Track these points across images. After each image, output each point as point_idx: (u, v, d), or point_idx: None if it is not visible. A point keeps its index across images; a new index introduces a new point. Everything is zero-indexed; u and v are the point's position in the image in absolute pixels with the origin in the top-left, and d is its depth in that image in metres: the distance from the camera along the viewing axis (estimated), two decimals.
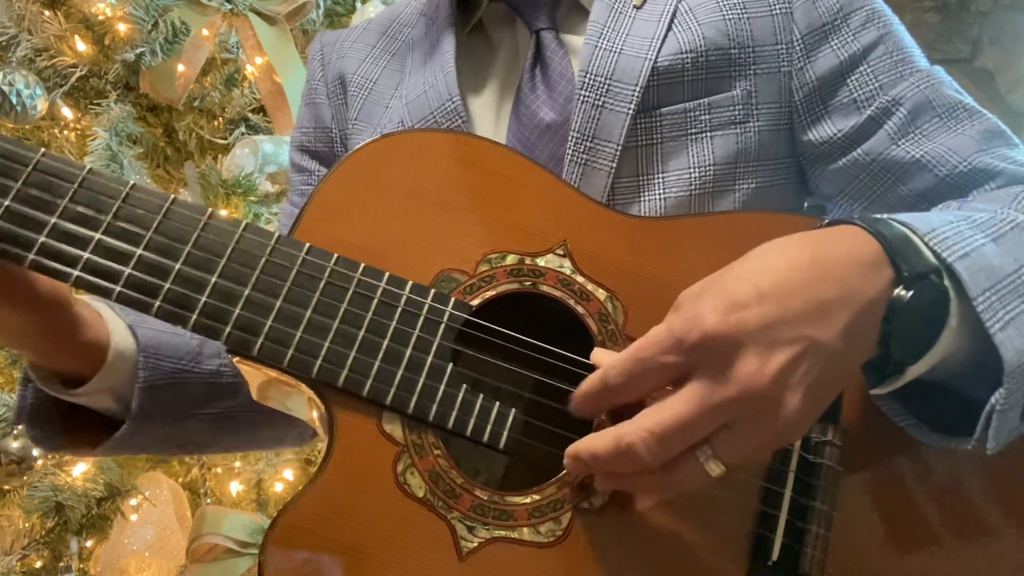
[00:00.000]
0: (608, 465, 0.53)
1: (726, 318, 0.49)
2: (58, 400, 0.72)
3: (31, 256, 0.58)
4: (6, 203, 0.58)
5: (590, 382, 0.55)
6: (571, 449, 0.54)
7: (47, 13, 1.58)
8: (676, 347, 0.50)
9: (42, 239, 0.58)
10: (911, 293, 0.52)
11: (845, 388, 0.54)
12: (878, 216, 0.57)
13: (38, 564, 1.56)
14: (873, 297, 0.52)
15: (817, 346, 0.50)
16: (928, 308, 0.53)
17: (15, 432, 1.46)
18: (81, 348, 0.70)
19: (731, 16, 0.74)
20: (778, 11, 0.75)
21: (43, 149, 0.60)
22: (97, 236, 0.59)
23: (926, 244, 0.54)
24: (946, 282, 0.54)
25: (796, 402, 0.49)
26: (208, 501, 1.70)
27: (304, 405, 0.66)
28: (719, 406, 0.49)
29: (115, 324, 0.73)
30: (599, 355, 0.59)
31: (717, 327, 0.49)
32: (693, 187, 0.73)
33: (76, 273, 0.58)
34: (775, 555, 0.59)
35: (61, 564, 1.57)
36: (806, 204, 0.81)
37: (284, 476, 1.76)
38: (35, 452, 1.49)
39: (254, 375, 0.65)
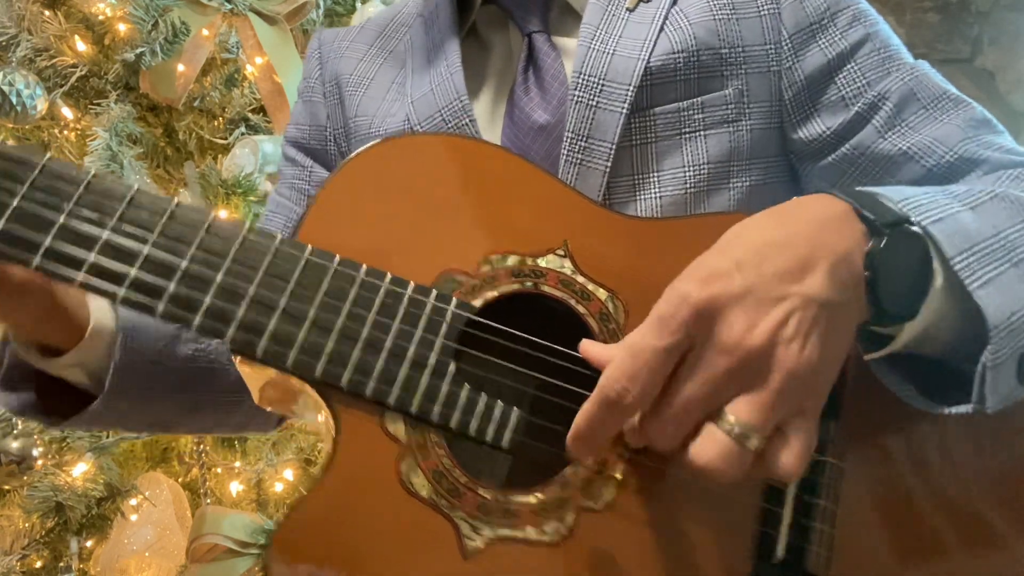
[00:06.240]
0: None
1: (708, 287, 0.50)
2: (34, 368, 0.71)
3: (36, 261, 0.57)
4: (10, 208, 0.58)
5: (587, 411, 0.53)
6: (576, 433, 0.54)
7: (47, 13, 1.57)
8: (668, 328, 0.50)
9: (48, 243, 0.58)
10: (884, 241, 0.53)
11: (848, 356, 0.55)
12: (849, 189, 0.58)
13: (38, 564, 1.56)
14: (848, 247, 0.53)
15: (805, 299, 0.51)
16: (910, 266, 0.54)
17: (15, 432, 1.46)
18: (61, 323, 0.69)
19: (720, 16, 0.75)
20: (766, 11, 0.76)
21: (49, 153, 0.60)
22: (104, 235, 0.58)
23: (898, 210, 0.55)
24: (929, 247, 0.54)
25: (796, 352, 0.50)
26: (208, 501, 1.70)
27: (311, 407, 0.66)
28: (721, 373, 0.50)
29: (98, 300, 0.72)
30: (588, 346, 0.58)
31: (701, 297, 0.50)
32: (688, 185, 0.74)
33: (80, 277, 0.58)
34: (780, 553, 0.59)
35: (61, 564, 1.57)
36: None
37: (284, 476, 1.76)
38: (35, 452, 1.49)
39: (256, 376, 0.65)
